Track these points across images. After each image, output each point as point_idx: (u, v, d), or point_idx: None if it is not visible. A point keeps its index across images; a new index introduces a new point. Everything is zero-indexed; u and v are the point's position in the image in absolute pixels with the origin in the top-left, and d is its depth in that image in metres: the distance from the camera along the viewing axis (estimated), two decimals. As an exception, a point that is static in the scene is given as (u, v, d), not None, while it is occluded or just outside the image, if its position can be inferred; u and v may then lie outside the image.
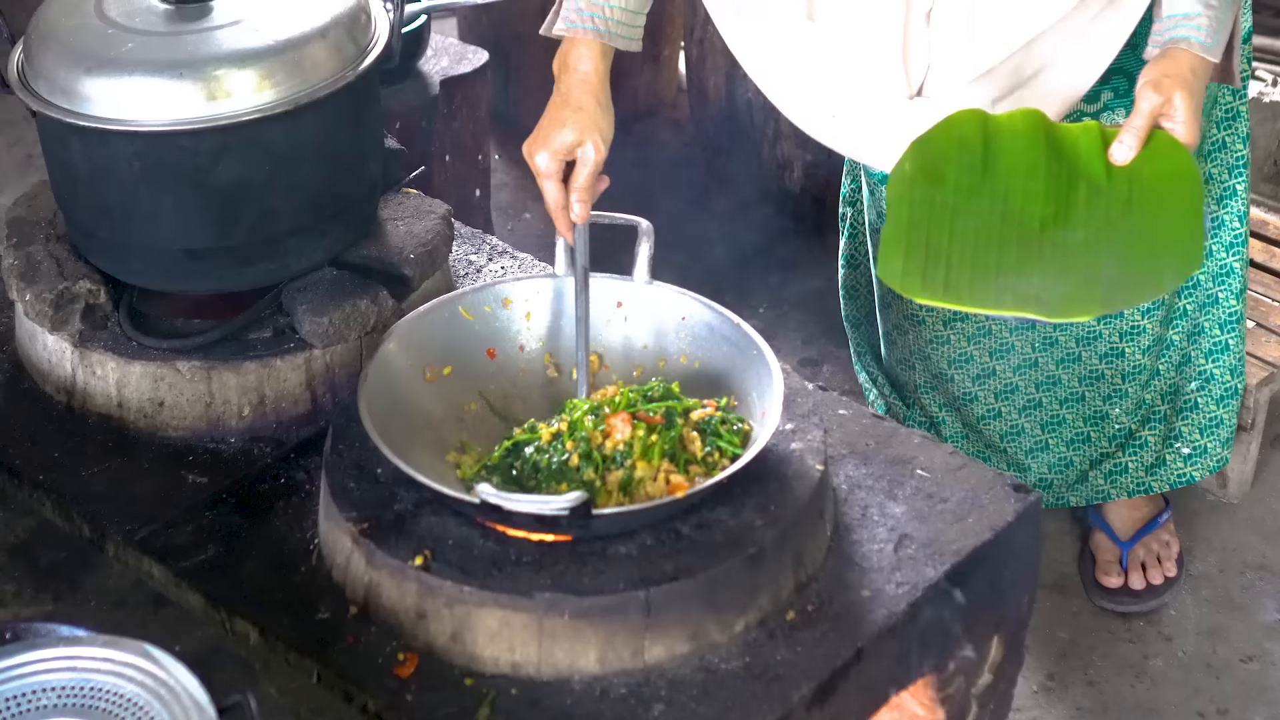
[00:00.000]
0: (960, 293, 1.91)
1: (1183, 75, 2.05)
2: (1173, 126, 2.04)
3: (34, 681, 1.50)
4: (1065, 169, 1.99)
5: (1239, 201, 2.67)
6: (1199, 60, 2.08)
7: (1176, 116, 2.03)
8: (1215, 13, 2.09)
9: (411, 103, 3.35)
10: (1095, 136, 2.01)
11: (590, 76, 2.11)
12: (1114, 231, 1.95)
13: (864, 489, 1.99)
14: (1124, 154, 2.02)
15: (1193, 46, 2.08)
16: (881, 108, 2.27)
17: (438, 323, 2.03)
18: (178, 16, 2.01)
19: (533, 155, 2.07)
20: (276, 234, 2.05)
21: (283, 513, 1.97)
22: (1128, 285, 1.91)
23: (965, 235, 1.94)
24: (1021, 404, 2.80)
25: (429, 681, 1.74)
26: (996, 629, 2.01)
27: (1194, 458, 2.86)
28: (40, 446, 2.06)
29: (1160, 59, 2.09)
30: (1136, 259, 1.93)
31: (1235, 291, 2.72)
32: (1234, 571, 3.02)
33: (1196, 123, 2.04)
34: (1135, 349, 2.72)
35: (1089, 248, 1.93)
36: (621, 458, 1.83)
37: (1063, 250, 1.93)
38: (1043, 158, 1.99)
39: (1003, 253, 1.92)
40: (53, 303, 2.07)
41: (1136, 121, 2.03)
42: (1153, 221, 1.96)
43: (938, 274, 1.91)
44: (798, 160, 3.76)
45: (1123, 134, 2.02)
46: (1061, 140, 2.02)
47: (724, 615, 1.78)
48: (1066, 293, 1.89)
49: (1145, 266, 1.93)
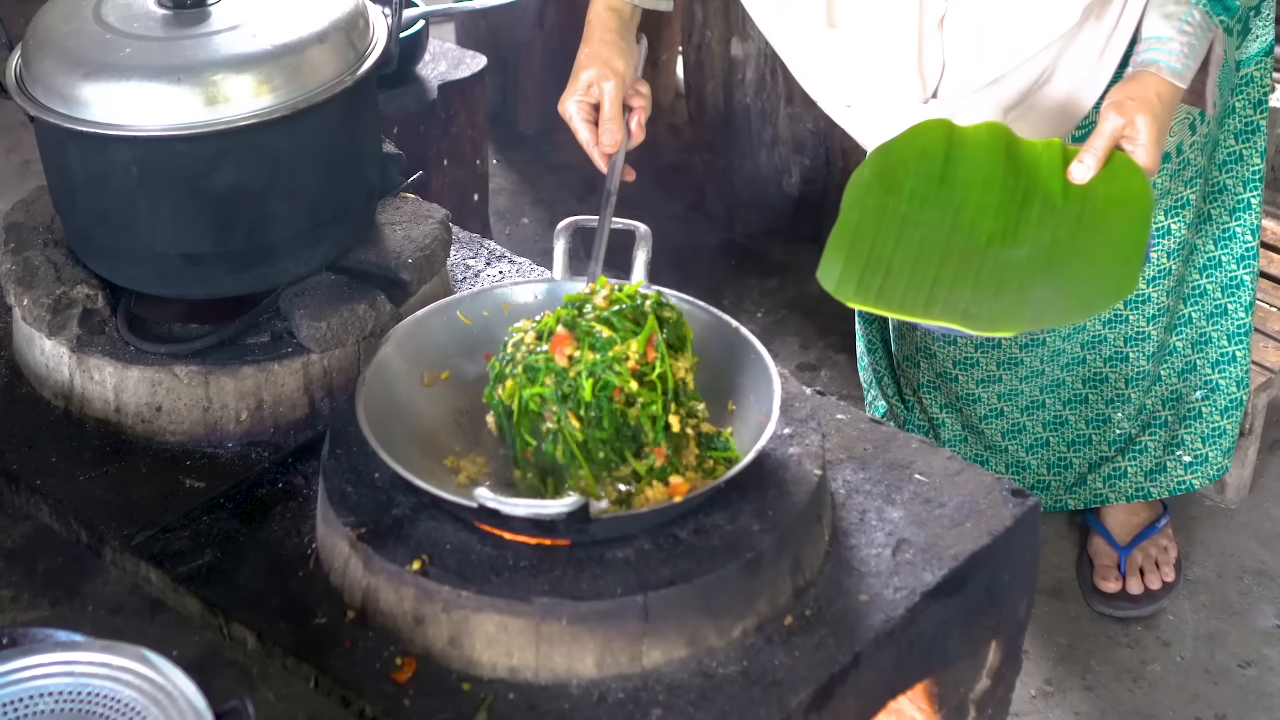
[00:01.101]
0: (892, 300, 1.91)
1: (1147, 99, 2.05)
2: (1133, 149, 2.03)
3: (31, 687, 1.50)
4: (1022, 185, 1.99)
5: (1252, 215, 2.67)
6: (1167, 85, 2.07)
7: (1138, 140, 2.03)
8: (1187, 38, 2.08)
9: (409, 107, 3.35)
10: (1057, 154, 2.01)
11: (606, 16, 2.22)
12: (1059, 250, 1.95)
13: (862, 494, 1.99)
14: (1082, 174, 2.01)
15: (1161, 70, 2.07)
16: (897, 109, 2.28)
17: (436, 327, 2.02)
18: (176, 21, 2.01)
19: (561, 106, 2.20)
20: (274, 239, 2.05)
21: (280, 517, 1.97)
22: (1058, 305, 1.90)
23: (910, 245, 1.94)
24: (1025, 405, 2.81)
25: (426, 686, 1.74)
26: (994, 634, 2.01)
27: (1195, 466, 2.87)
28: (38, 451, 2.06)
29: (1127, 81, 2.09)
30: (1073, 279, 1.92)
31: (1245, 304, 2.73)
32: (1232, 577, 3.02)
33: (1158, 147, 2.04)
34: (1139, 354, 2.73)
35: (1030, 265, 1.93)
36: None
37: (1003, 266, 1.92)
38: (1000, 172, 1.99)
39: (943, 265, 1.92)
40: (50, 308, 2.07)
41: (1097, 142, 2.02)
42: (1097, 243, 1.95)
43: (874, 280, 1.91)
44: (795, 165, 3.77)
45: (1083, 154, 2.02)
46: (1023, 156, 2.02)
47: (722, 620, 1.77)
48: (996, 308, 1.89)
49: (1080, 288, 1.92)
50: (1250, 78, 2.55)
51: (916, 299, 1.90)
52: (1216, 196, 2.65)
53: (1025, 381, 2.77)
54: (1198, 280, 2.71)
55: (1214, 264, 2.69)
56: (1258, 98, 2.57)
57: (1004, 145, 2.01)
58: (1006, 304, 1.89)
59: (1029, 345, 2.71)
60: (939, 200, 1.96)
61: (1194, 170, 2.56)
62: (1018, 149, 2.02)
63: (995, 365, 2.76)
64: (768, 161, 3.80)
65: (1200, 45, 2.09)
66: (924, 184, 1.97)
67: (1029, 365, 2.74)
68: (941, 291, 1.89)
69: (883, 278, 1.91)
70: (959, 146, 2.01)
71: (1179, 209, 2.60)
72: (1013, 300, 1.90)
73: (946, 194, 1.96)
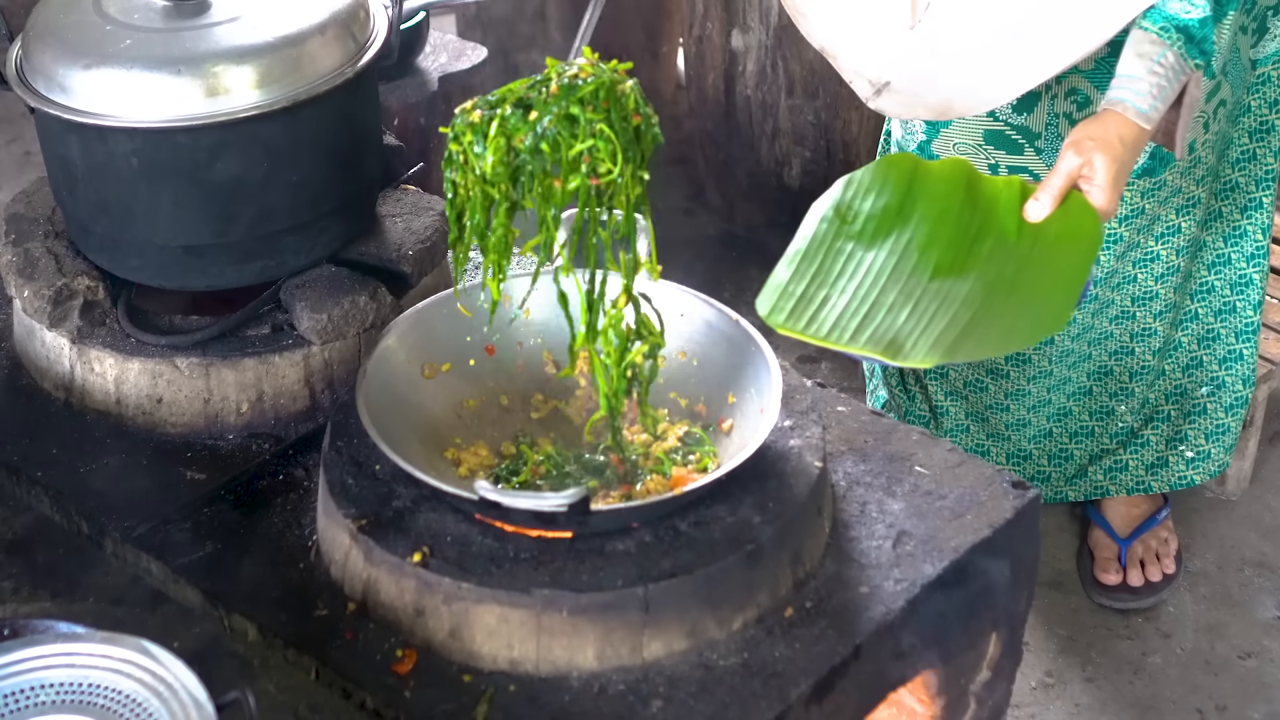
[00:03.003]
0: (821, 328, 1.89)
1: (1107, 139, 2.03)
2: (1089, 190, 2.02)
3: (32, 678, 1.50)
4: (978, 220, 1.98)
5: (1264, 214, 2.66)
6: (1130, 125, 2.05)
7: (1094, 180, 2.01)
8: (1157, 79, 2.06)
9: (410, 99, 3.35)
10: (1016, 191, 2.00)
11: None
12: (1000, 284, 1.93)
13: (862, 486, 1.99)
14: (1036, 212, 2.00)
15: (1127, 110, 2.05)
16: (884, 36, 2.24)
17: (437, 319, 2.02)
18: (176, 13, 2.00)
19: None
20: (275, 231, 2.05)
21: (281, 509, 1.97)
22: (983, 339, 1.88)
23: (852, 276, 1.93)
24: (1031, 404, 2.81)
25: (427, 678, 1.74)
26: (995, 625, 2.01)
27: (1197, 461, 2.87)
28: (38, 443, 2.06)
29: (1090, 120, 2.07)
30: (1006, 314, 1.91)
31: (1254, 303, 2.72)
32: (1232, 568, 3.02)
33: (1115, 189, 2.02)
34: (1145, 349, 2.73)
35: (968, 298, 1.91)
36: None
37: (940, 298, 1.91)
38: (957, 207, 1.98)
39: (881, 296, 1.91)
40: (51, 299, 2.07)
41: (1053, 181, 2.01)
42: (1039, 280, 1.94)
43: (808, 309, 1.91)
44: (796, 157, 3.76)
45: (1039, 192, 2.00)
46: (983, 192, 2.01)
47: (722, 612, 1.78)
48: (922, 339, 1.87)
49: (1010, 323, 1.90)
50: (1267, 77, 2.55)
51: (846, 328, 1.89)
52: (1228, 194, 2.65)
53: (1033, 382, 2.77)
54: (1206, 277, 2.71)
55: (1223, 261, 2.69)
56: (1274, 97, 2.57)
57: (965, 181, 2.00)
58: (933, 335, 1.87)
59: (1038, 345, 2.71)
60: (892, 232, 1.96)
61: (1205, 168, 2.56)
62: (978, 185, 2.01)
63: (1003, 360, 2.76)
64: (768, 153, 3.80)
65: (1171, 88, 2.06)
66: (880, 216, 1.97)
67: (1037, 364, 2.75)
68: (872, 322, 1.89)
69: (817, 306, 1.90)
70: (921, 180, 2.00)
71: (1189, 207, 2.60)
72: (941, 331, 1.88)
73: (901, 227, 1.96)
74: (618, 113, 1.76)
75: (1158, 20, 2.06)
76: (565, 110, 1.74)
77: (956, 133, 2.52)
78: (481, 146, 1.76)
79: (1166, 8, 2.06)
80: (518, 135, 1.75)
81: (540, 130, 1.74)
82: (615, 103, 1.76)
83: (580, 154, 1.75)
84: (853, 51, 2.28)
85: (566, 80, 1.76)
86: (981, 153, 2.51)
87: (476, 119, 1.76)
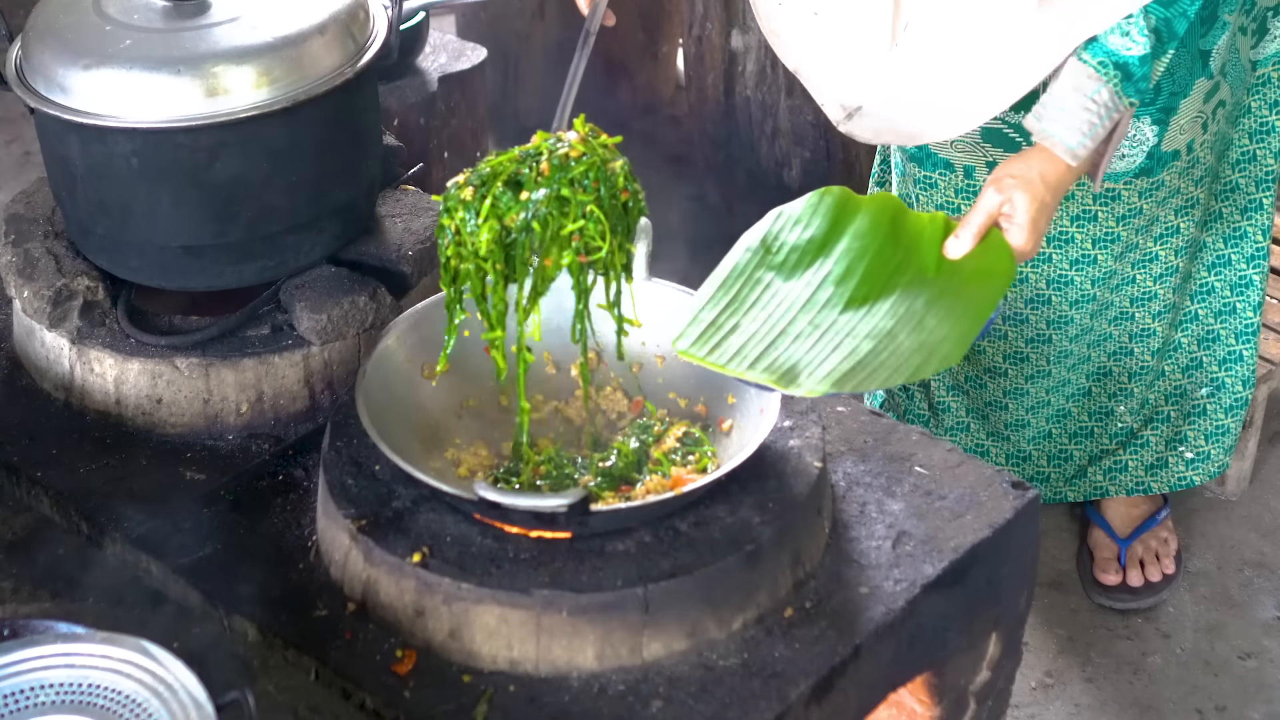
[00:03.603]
0: (724, 355, 1.89)
1: (1029, 178, 2.01)
2: (1008, 228, 2.00)
3: (32, 678, 1.50)
4: (899, 255, 1.98)
5: (1264, 215, 2.66)
6: (1056, 163, 2.03)
7: (1014, 219, 2.00)
8: (1089, 115, 2.04)
9: (410, 99, 3.35)
10: (940, 228, 2.00)
11: None
12: (909, 319, 1.92)
13: (862, 486, 1.99)
14: (955, 249, 1.98)
15: (1055, 146, 2.03)
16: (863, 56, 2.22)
17: (436, 320, 2.02)
18: (176, 13, 2.00)
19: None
20: (274, 231, 2.05)
21: (281, 510, 1.97)
22: (873, 371, 1.86)
23: (765, 307, 1.93)
24: (1030, 405, 2.81)
25: (427, 678, 1.74)
26: (994, 626, 2.01)
27: (1196, 463, 2.87)
28: (38, 443, 2.06)
29: (1015, 157, 2.05)
30: (903, 348, 1.89)
31: (1254, 304, 2.72)
32: (1232, 569, 3.03)
33: (1035, 227, 2.00)
34: (1144, 349, 2.73)
35: (874, 332, 1.90)
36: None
37: (845, 331, 1.90)
38: (879, 242, 1.98)
39: (788, 328, 1.91)
40: (51, 299, 2.07)
41: (973, 219, 1.99)
42: (944, 315, 1.93)
43: (716, 336, 1.91)
44: (796, 157, 3.76)
45: (960, 229, 1.99)
46: (907, 227, 2.00)
47: (722, 612, 1.78)
48: (819, 370, 1.87)
49: (903, 357, 1.89)
50: (1268, 78, 2.55)
51: (747, 356, 1.88)
52: (1228, 195, 2.65)
53: (1031, 381, 2.77)
54: (1206, 278, 2.71)
55: (1223, 262, 2.69)
56: (1274, 98, 2.56)
57: (891, 216, 2.00)
58: (828, 366, 1.87)
59: (1034, 340, 2.71)
60: (813, 264, 1.96)
61: (1203, 169, 2.56)
62: (904, 221, 2.01)
63: (1001, 358, 2.76)
64: (768, 154, 3.80)
65: (1102, 126, 2.04)
66: (804, 248, 1.97)
67: (1035, 363, 2.75)
68: (774, 351, 1.89)
69: (726, 334, 1.90)
70: (849, 215, 2.00)
71: (1188, 207, 2.59)
72: (839, 362, 1.87)
73: (822, 259, 1.96)
74: (608, 190, 1.83)
75: (1097, 54, 2.04)
76: (557, 192, 1.80)
77: None
78: (474, 224, 1.82)
79: (1107, 42, 2.03)
80: (509, 215, 1.81)
81: (532, 211, 1.81)
82: (605, 181, 1.82)
83: (571, 233, 1.82)
84: (826, 74, 2.28)
85: (557, 160, 1.81)
86: (980, 151, 2.51)
87: (469, 196, 1.82)
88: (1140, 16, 2.02)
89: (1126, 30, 2.02)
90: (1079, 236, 2.58)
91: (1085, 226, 2.57)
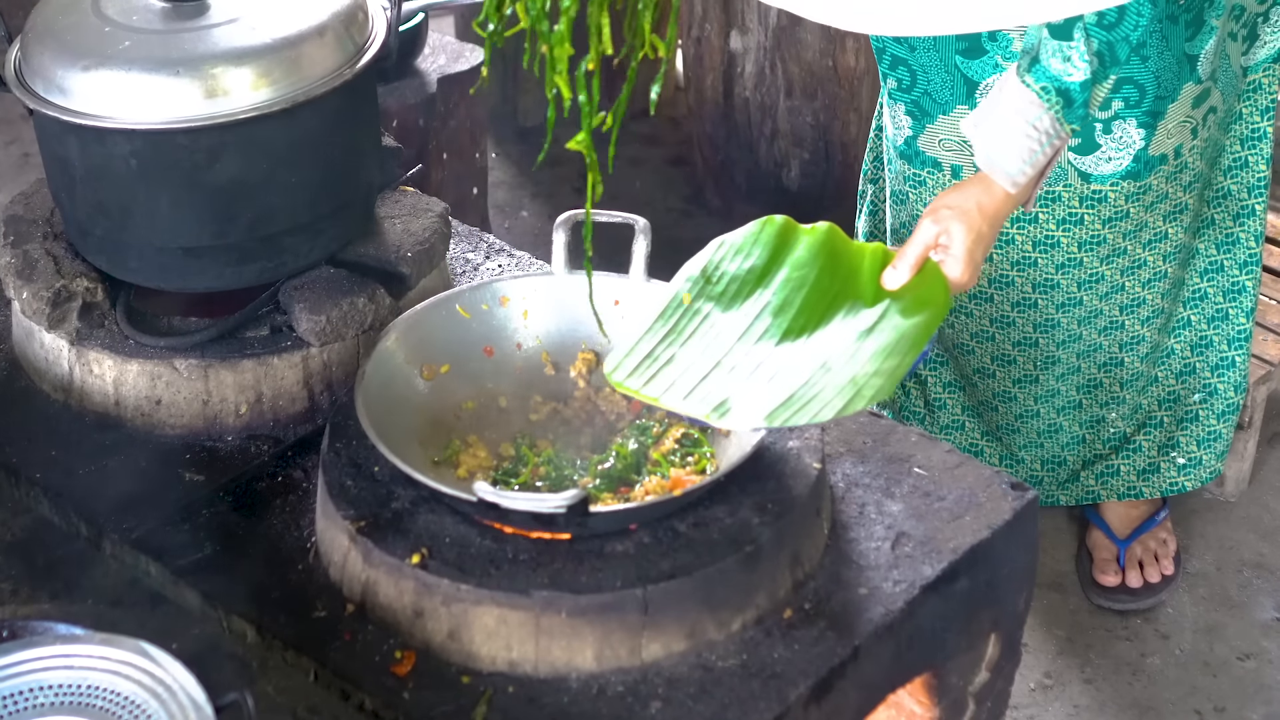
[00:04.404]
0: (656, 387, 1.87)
1: (966, 209, 2.01)
2: (944, 260, 2.00)
3: (31, 679, 1.50)
4: (838, 286, 1.97)
5: (1256, 221, 2.66)
6: (994, 193, 2.03)
7: (951, 250, 2.00)
8: (1029, 143, 2.04)
9: (409, 101, 3.35)
10: (879, 259, 2.00)
11: None
12: (841, 352, 1.92)
13: (861, 487, 1.99)
14: (892, 280, 1.97)
15: (996, 173, 2.04)
16: None
17: (435, 321, 2.03)
18: (175, 14, 2.00)
19: None
20: (273, 232, 2.05)
21: (280, 511, 1.97)
22: (802, 405, 1.85)
23: (701, 339, 1.92)
24: (1019, 411, 2.81)
25: (426, 679, 1.74)
26: (994, 627, 2.01)
27: (1188, 468, 2.87)
28: (37, 445, 2.06)
29: (952, 188, 2.05)
30: (834, 382, 1.88)
31: (1246, 310, 2.72)
32: (1231, 570, 3.03)
33: (972, 259, 2.00)
34: (1134, 357, 2.73)
35: (807, 365, 1.89)
36: None
37: (781, 363, 1.89)
38: (818, 274, 1.97)
39: (725, 359, 1.91)
40: (50, 301, 2.07)
41: (910, 250, 1.99)
42: (877, 348, 1.92)
43: (651, 368, 1.90)
44: (795, 159, 3.77)
45: (896, 260, 1.98)
46: (845, 258, 2.00)
47: (721, 613, 1.78)
48: (751, 402, 1.85)
49: (842, 388, 1.87)
50: (1258, 84, 2.55)
51: (680, 388, 1.88)
52: (1220, 201, 2.65)
53: (1018, 385, 2.77)
54: (1199, 284, 2.71)
55: (1216, 268, 2.69)
56: (1265, 104, 2.56)
57: (830, 247, 2.00)
58: (763, 399, 1.86)
59: (1021, 344, 2.71)
60: (752, 295, 1.96)
61: (1192, 174, 2.56)
62: (844, 252, 2.01)
63: (990, 359, 2.76)
64: (767, 155, 3.80)
65: (1042, 153, 2.05)
66: (744, 278, 1.97)
67: (1022, 367, 2.74)
68: (708, 384, 1.88)
69: (662, 365, 1.90)
70: (790, 245, 2.00)
71: (1177, 213, 2.59)
72: (772, 395, 1.87)
73: (761, 290, 1.96)
74: None
75: (1040, 79, 2.04)
76: None
77: (943, 129, 2.52)
78: None
79: (1049, 66, 2.03)
80: None
81: None
82: None
83: None
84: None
85: None
86: (967, 150, 2.51)
87: None
88: (1082, 40, 2.02)
89: (1068, 55, 2.02)
90: (1064, 240, 2.57)
91: (1071, 230, 2.56)
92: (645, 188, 3.91)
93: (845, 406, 1.84)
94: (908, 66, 2.47)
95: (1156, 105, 2.41)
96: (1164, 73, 2.37)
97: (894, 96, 2.55)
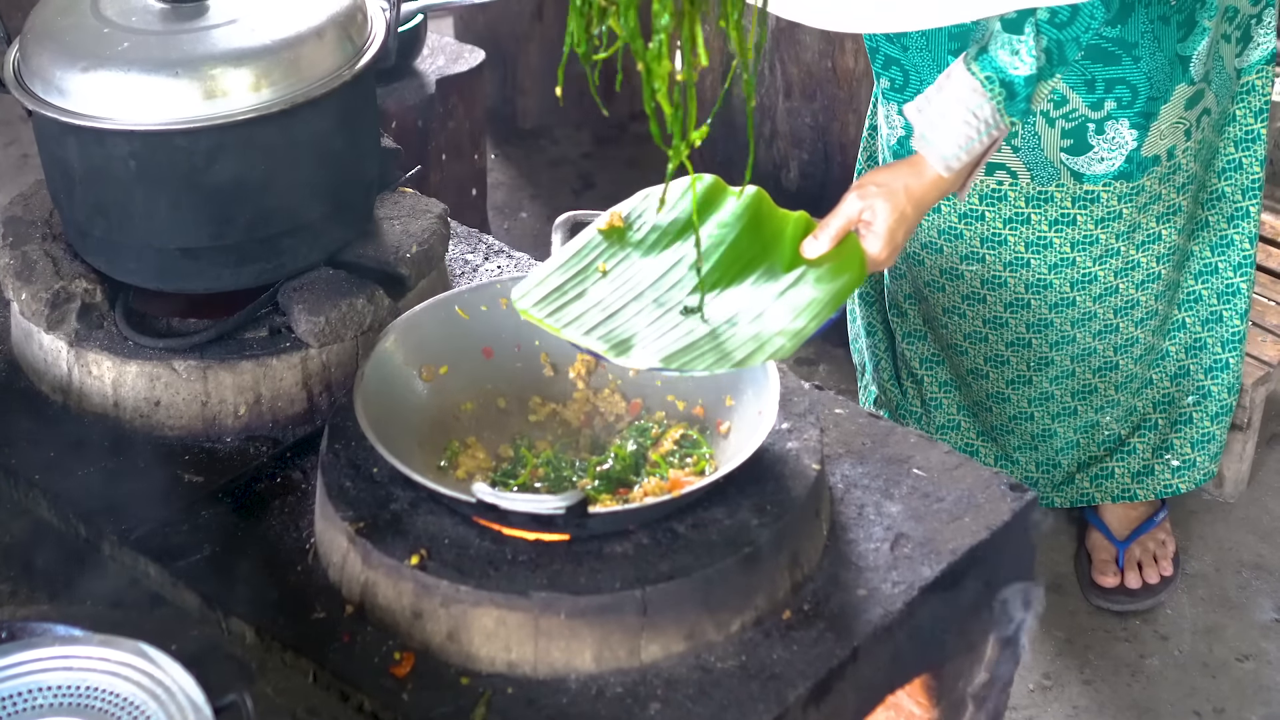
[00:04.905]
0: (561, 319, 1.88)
1: (893, 189, 2.02)
2: (866, 235, 2.02)
3: (30, 681, 1.50)
4: (757, 250, 1.99)
5: (1250, 223, 2.66)
6: (923, 176, 2.04)
7: (873, 227, 2.01)
8: (968, 129, 2.05)
9: (408, 102, 3.35)
10: (801, 227, 2.02)
11: None
12: (754, 310, 1.92)
13: (860, 488, 1.99)
14: (811, 249, 1.99)
15: (930, 154, 2.05)
16: None
17: (434, 322, 2.03)
18: (174, 15, 2.00)
19: None
20: (272, 233, 2.05)
21: (279, 512, 1.97)
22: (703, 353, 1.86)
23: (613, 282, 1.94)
24: (1012, 413, 2.81)
25: (425, 681, 1.74)
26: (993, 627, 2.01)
27: (1182, 470, 2.87)
28: (36, 446, 2.06)
29: (883, 166, 2.06)
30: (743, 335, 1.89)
31: (1240, 312, 2.72)
32: (1230, 571, 3.03)
33: (893, 238, 2.01)
34: (1128, 360, 2.73)
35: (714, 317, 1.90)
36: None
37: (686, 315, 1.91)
38: (737, 234, 1.99)
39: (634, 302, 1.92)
40: (49, 302, 2.07)
41: (832, 222, 2.01)
42: (788, 310, 1.93)
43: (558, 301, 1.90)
44: (794, 159, 3.77)
45: (818, 230, 2.00)
46: (769, 223, 2.02)
47: (720, 614, 1.78)
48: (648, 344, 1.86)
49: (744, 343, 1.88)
50: (1251, 86, 2.55)
51: (585, 323, 1.88)
52: (1215, 203, 2.65)
53: (1011, 386, 2.77)
54: (1193, 286, 2.71)
55: (1210, 270, 2.69)
56: (1259, 106, 2.57)
57: (755, 210, 2.02)
58: (665, 342, 1.87)
59: (1014, 344, 2.71)
60: (670, 248, 1.98)
61: (1186, 176, 2.56)
62: (769, 216, 2.03)
63: (983, 360, 2.76)
64: (766, 156, 3.80)
65: (979, 142, 2.06)
66: (664, 230, 1.99)
67: (1015, 367, 2.74)
68: (612, 321, 1.89)
69: (570, 299, 1.91)
70: (716, 205, 2.02)
71: (1170, 214, 2.59)
72: (674, 340, 1.87)
73: (681, 244, 1.98)
74: None
75: (985, 69, 2.05)
76: None
77: None
78: None
79: (997, 57, 2.04)
80: None
81: None
82: None
83: None
84: None
85: None
86: None
87: None
88: (1032, 36, 2.03)
89: (1016, 49, 2.03)
90: (1057, 241, 2.58)
91: (1064, 230, 2.57)
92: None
93: (745, 360, 1.86)
94: (900, 66, 2.47)
95: (1149, 106, 2.41)
96: (1156, 74, 2.37)
97: (887, 96, 2.55)
